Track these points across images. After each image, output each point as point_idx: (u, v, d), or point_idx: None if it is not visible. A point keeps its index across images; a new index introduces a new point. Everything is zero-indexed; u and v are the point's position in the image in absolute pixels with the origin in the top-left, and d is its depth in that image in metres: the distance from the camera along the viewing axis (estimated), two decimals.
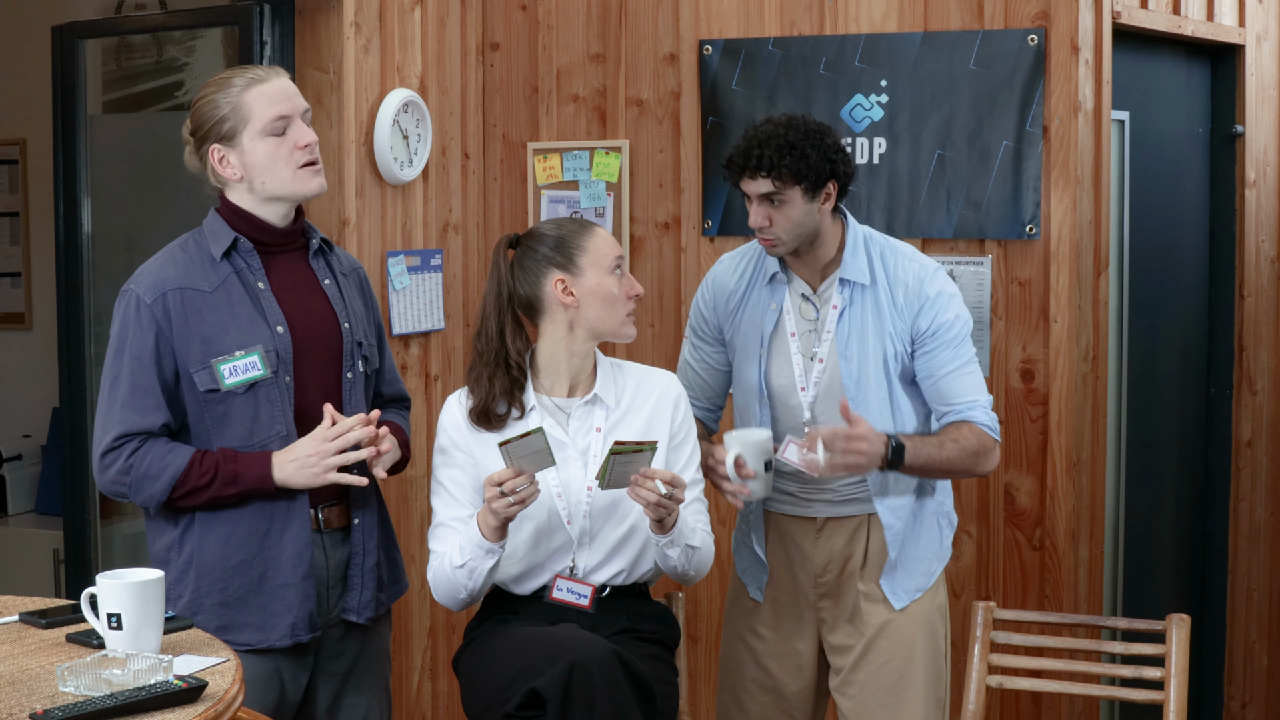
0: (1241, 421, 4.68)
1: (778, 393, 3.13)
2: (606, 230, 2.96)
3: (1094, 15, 3.88)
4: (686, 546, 2.85)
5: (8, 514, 5.59)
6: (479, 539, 2.79)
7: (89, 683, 2.21)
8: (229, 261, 2.81)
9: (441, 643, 4.27)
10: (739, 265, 3.23)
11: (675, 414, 2.95)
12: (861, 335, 3.08)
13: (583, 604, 2.85)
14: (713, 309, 3.23)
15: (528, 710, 2.61)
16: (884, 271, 3.11)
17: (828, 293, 3.12)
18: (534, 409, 2.90)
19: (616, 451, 2.69)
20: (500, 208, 4.44)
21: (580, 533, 2.87)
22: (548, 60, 4.37)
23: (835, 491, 3.15)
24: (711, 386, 3.27)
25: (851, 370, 3.07)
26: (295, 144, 2.80)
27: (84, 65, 4.39)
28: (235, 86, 2.80)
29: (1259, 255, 4.71)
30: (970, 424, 3.08)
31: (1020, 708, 3.99)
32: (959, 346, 3.10)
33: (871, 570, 3.15)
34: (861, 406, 3.06)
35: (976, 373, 3.12)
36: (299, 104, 2.83)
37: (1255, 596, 4.79)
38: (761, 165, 3.00)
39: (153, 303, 2.75)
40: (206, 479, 2.74)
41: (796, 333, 3.12)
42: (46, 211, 4.85)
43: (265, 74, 2.83)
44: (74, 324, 4.41)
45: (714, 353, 3.25)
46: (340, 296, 2.91)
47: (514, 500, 2.71)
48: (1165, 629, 3.09)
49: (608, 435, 2.89)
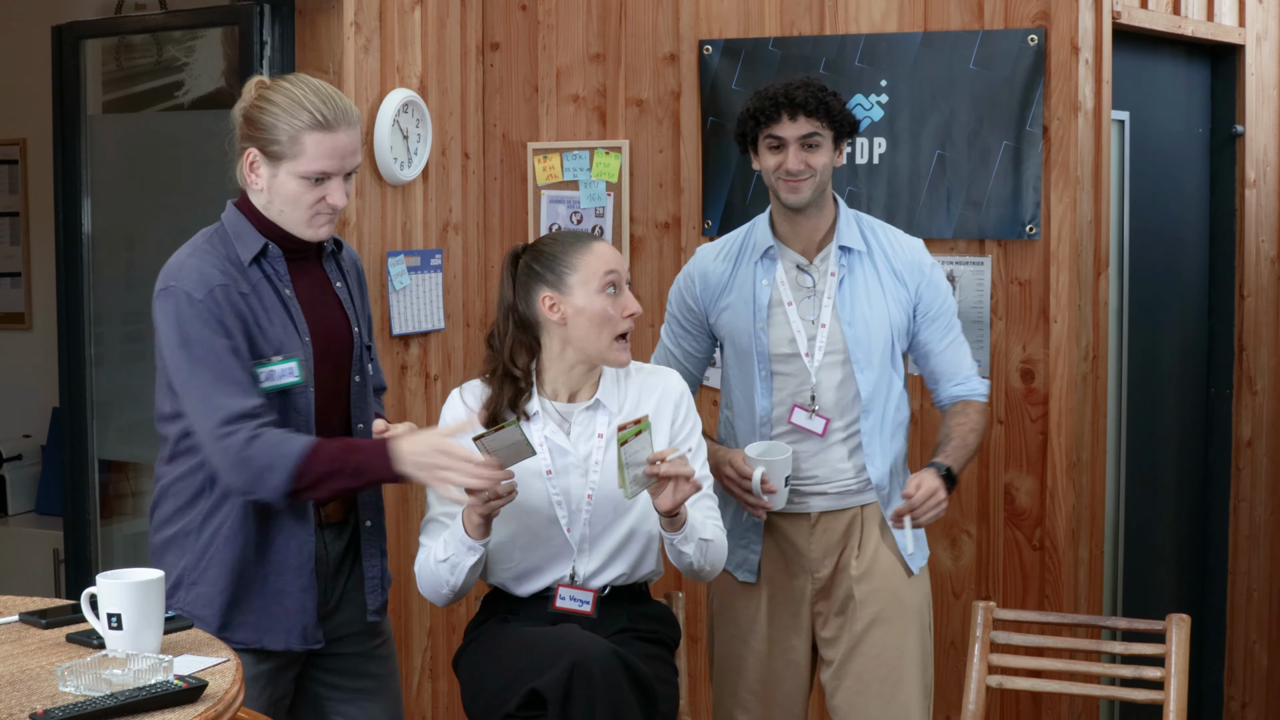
0: (1241, 421, 4.68)
1: (778, 361, 3.17)
2: (607, 244, 2.90)
3: (1094, 15, 3.88)
4: (700, 540, 2.84)
5: (8, 514, 5.59)
6: (462, 535, 2.78)
7: (89, 683, 2.21)
8: (258, 266, 2.77)
9: (441, 643, 4.27)
10: (721, 250, 3.29)
11: (677, 413, 2.95)
12: (866, 300, 3.16)
13: (585, 610, 2.85)
14: (698, 297, 3.28)
15: (528, 710, 2.60)
16: (878, 243, 3.22)
17: (824, 263, 3.19)
18: (538, 414, 2.90)
19: (622, 441, 2.64)
20: (500, 208, 4.44)
21: (580, 539, 2.87)
22: (548, 60, 4.37)
23: (828, 484, 3.17)
24: (690, 371, 3.34)
25: (857, 335, 3.14)
26: (324, 198, 2.74)
27: (84, 65, 4.39)
28: (302, 120, 2.70)
29: (1259, 255, 4.71)
30: (971, 402, 3.23)
31: (1020, 708, 3.99)
32: (952, 318, 3.26)
33: (865, 558, 3.17)
34: (866, 369, 3.14)
35: (965, 341, 3.28)
36: (349, 164, 2.75)
37: (1255, 596, 4.79)
38: (805, 105, 3.09)
39: (204, 298, 2.68)
40: (329, 468, 2.66)
41: (794, 301, 3.17)
42: (46, 211, 4.85)
43: (336, 120, 2.72)
44: (74, 324, 4.41)
45: (694, 340, 3.32)
46: (350, 300, 2.90)
47: (490, 497, 2.67)
48: (1165, 629, 3.10)
49: (609, 442, 2.88)
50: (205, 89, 5.17)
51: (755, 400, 3.19)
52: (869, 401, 3.15)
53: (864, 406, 3.15)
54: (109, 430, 4.64)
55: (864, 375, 3.14)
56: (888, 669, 3.15)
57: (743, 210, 4.14)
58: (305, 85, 2.77)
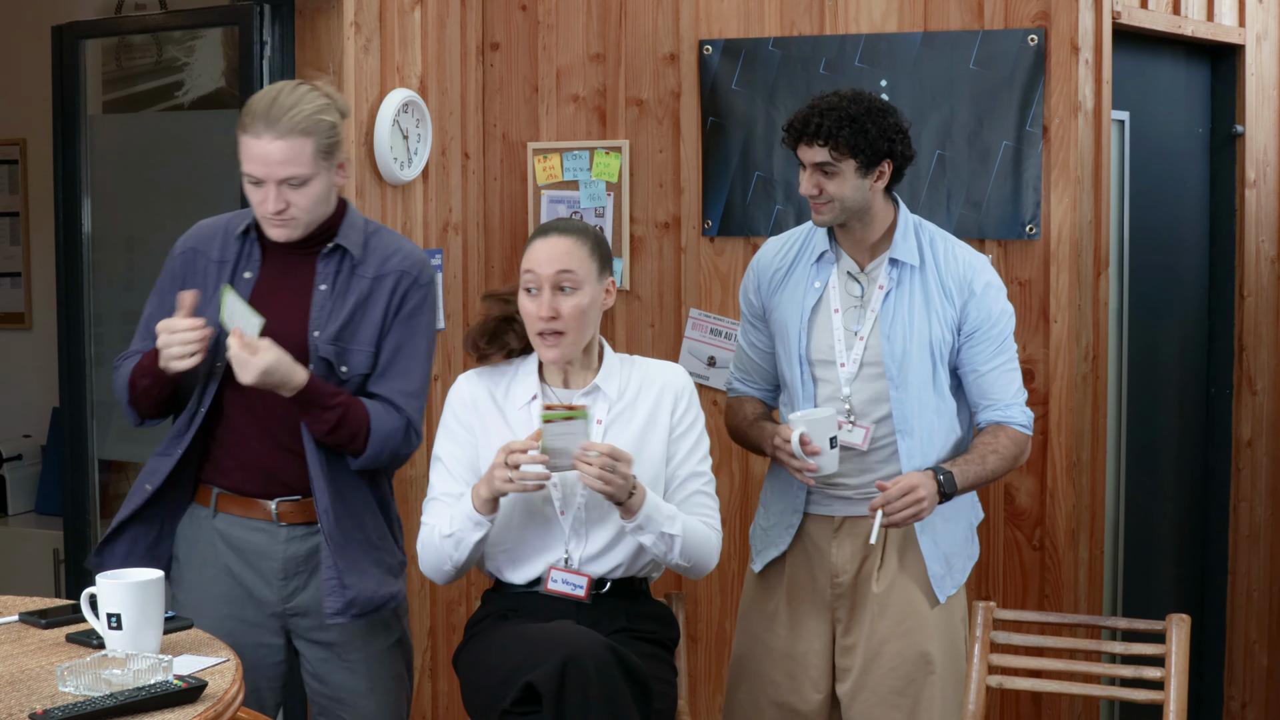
0: (1241, 421, 4.68)
1: (818, 367, 3.14)
2: (546, 241, 2.87)
3: (1094, 15, 3.88)
4: (662, 534, 2.82)
5: (8, 514, 5.59)
6: (469, 510, 2.82)
7: (89, 683, 2.21)
8: (243, 240, 2.96)
9: (442, 643, 4.27)
10: (783, 245, 3.25)
11: (676, 406, 2.95)
12: (908, 316, 3.10)
13: (579, 594, 2.85)
14: (756, 290, 3.26)
15: (524, 705, 2.61)
16: (933, 257, 3.13)
17: (875, 272, 3.14)
18: (536, 397, 2.92)
19: (547, 419, 2.70)
20: (500, 208, 4.44)
21: (574, 523, 2.88)
22: (548, 60, 4.37)
23: (854, 489, 3.14)
24: (765, 369, 3.29)
25: (894, 350, 3.09)
26: (262, 201, 2.87)
27: (84, 65, 4.39)
28: (241, 121, 2.86)
29: (1259, 255, 4.71)
30: (1005, 427, 3.14)
31: (1020, 708, 3.99)
32: (1003, 342, 3.15)
33: (888, 572, 3.14)
34: (902, 387, 3.08)
35: (1017, 370, 3.18)
36: (277, 173, 2.83)
37: (1255, 596, 4.78)
38: (819, 134, 3.02)
39: (174, 254, 2.99)
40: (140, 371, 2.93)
41: (840, 309, 3.13)
42: (46, 211, 4.85)
43: (261, 127, 2.83)
44: (74, 324, 4.41)
45: (762, 336, 3.28)
46: (328, 303, 2.93)
47: (513, 477, 2.73)
48: (1165, 629, 3.09)
49: (609, 428, 2.89)
50: (205, 89, 5.18)
51: (797, 403, 3.17)
52: (904, 421, 3.08)
53: (898, 425, 3.09)
54: (109, 430, 4.65)
55: (898, 393, 3.08)
56: (904, 681, 3.12)
57: (743, 210, 4.14)
58: (271, 89, 2.89)
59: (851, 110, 3.02)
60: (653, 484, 2.89)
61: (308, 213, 2.88)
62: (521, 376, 2.96)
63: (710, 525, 2.93)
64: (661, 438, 2.92)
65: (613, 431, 2.89)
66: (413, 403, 2.97)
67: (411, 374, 2.98)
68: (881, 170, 3.06)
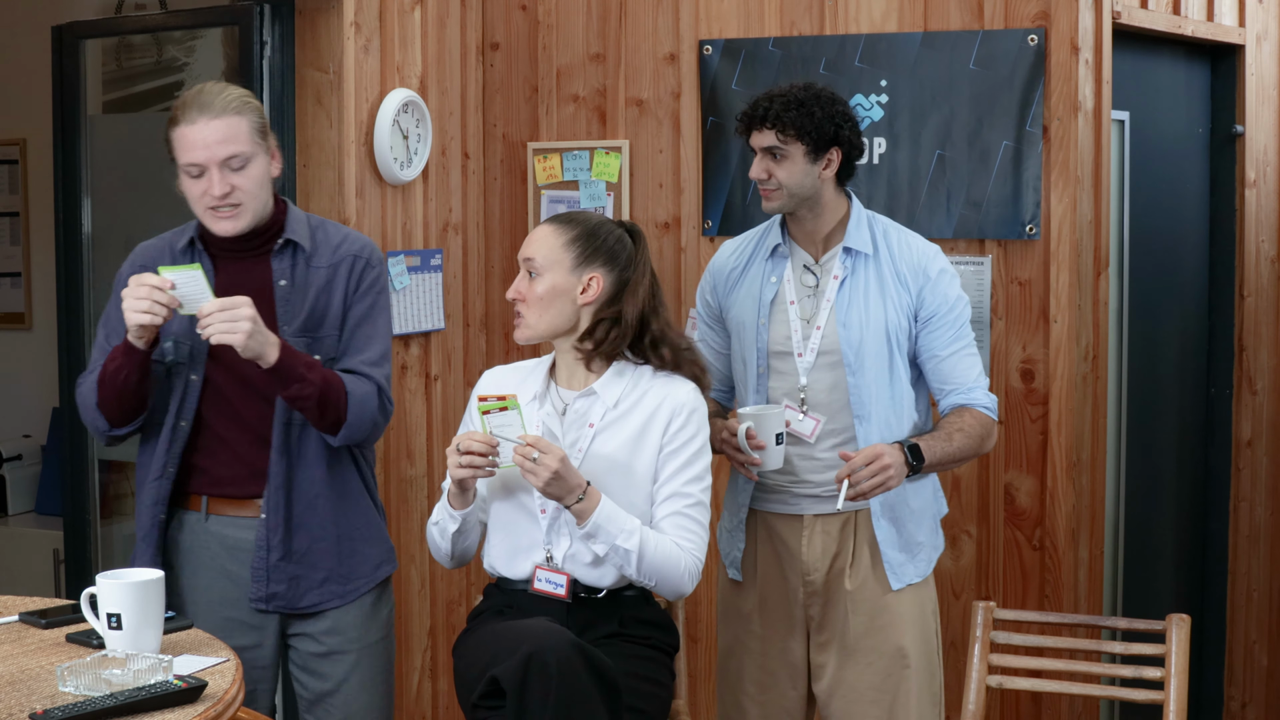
0: (1241, 421, 4.68)
1: (775, 359, 3.17)
2: (541, 229, 2.96)
3: (1094, 15, 3.88)
4: (615, 546, 2.79)
5: (8, 514, 5.59)
6: (444, 502, 2.91)
7: (89, 683, 2.21)
8: (190, 253, 2.98)
9: (441, 643, 4.27)
10: (738, 245, 3.29)
11: (671, 423, 2.89)
12: (864, 303, 3.12)
13: (560, 594, 2.85)
14: (713, 290, 3.30)
15: (490, 699, 2.65)
16: (887, 246, 3.16)
17: (830, 263, 3.16)
18: (540, 395, 2.95)
19: (483, 411, 2.74)
20: (500, 208, 4.44)
21: (551, 522, 2.87)
22: (548, 60, 4.37)
23: (819, 486, 3.14)
24: (720, 370, 3.31)
25: (851, 337, 3.10)
26: (207, 190, 2.88)
27: (84, 65, 4.39)
28: (173, 118, 2.90)
29: (1259, 255, 4.71)
30: (971, 409, 3.13)
31: (1020, 708, 3.99)
32: (960, 327, 3.16)
33: (860, 569, 3.15)
34: (859, 373, 3.10)
35: (977, 356, 3.18)
36: (219, 153, 2.87)
37: (1255, 596, 4.79)
38: (767, 118, 3.08)
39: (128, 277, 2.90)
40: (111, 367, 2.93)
41: (796, 300, 3.16)
42: (46, 211, 4.85)
43: (193, 114, 2.87)
44: (74, 324, 4.41)
45: (718, 336, 3.31)
46: (289, 299, 2.96)
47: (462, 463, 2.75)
48: (1165, 629, 3.09)
49: (598, 434, 2.88)
50: None
51: (748, 397, 3.18)
52: (862, 406, 3.10)
53: (857, 412, 3.10)
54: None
55: (855, 379, 3.09)
56: (882, 675, 3.12)
57: (742, 210, 4.14)
58: (194, 88, 2.95)
59: (799, 96, 3.09)
60: (639, 498, 2.86)
61: (253, 197, 2.91)
62: (535, 374, 3.00)
63: (682, 547, 2.85)
64: (651, 452, 2.88)
65: (601, 438, 2.88)
66: (377, 370, 3.02)
67: (373, 345, 3.04)
68: (829, 158, 3.09)
